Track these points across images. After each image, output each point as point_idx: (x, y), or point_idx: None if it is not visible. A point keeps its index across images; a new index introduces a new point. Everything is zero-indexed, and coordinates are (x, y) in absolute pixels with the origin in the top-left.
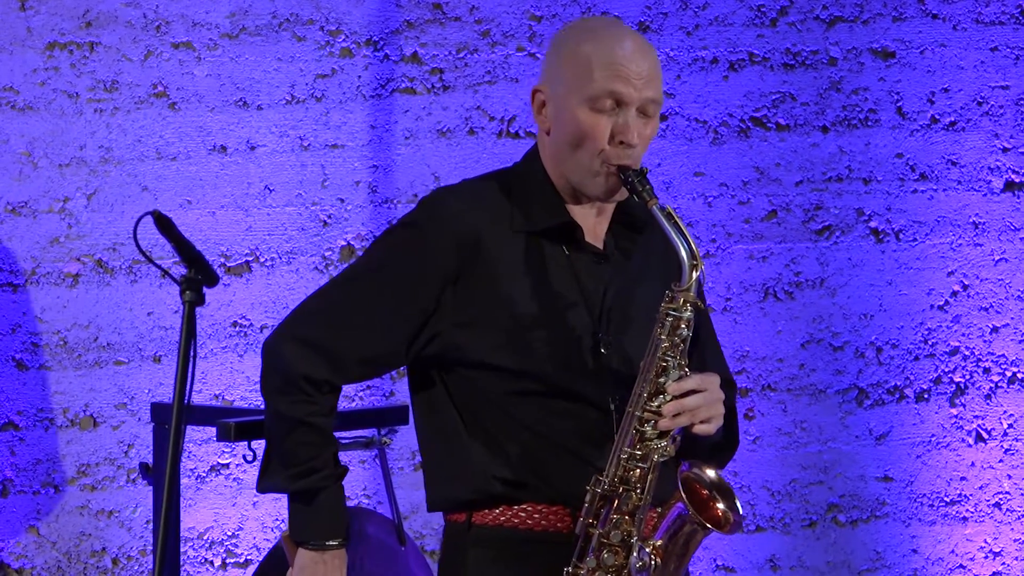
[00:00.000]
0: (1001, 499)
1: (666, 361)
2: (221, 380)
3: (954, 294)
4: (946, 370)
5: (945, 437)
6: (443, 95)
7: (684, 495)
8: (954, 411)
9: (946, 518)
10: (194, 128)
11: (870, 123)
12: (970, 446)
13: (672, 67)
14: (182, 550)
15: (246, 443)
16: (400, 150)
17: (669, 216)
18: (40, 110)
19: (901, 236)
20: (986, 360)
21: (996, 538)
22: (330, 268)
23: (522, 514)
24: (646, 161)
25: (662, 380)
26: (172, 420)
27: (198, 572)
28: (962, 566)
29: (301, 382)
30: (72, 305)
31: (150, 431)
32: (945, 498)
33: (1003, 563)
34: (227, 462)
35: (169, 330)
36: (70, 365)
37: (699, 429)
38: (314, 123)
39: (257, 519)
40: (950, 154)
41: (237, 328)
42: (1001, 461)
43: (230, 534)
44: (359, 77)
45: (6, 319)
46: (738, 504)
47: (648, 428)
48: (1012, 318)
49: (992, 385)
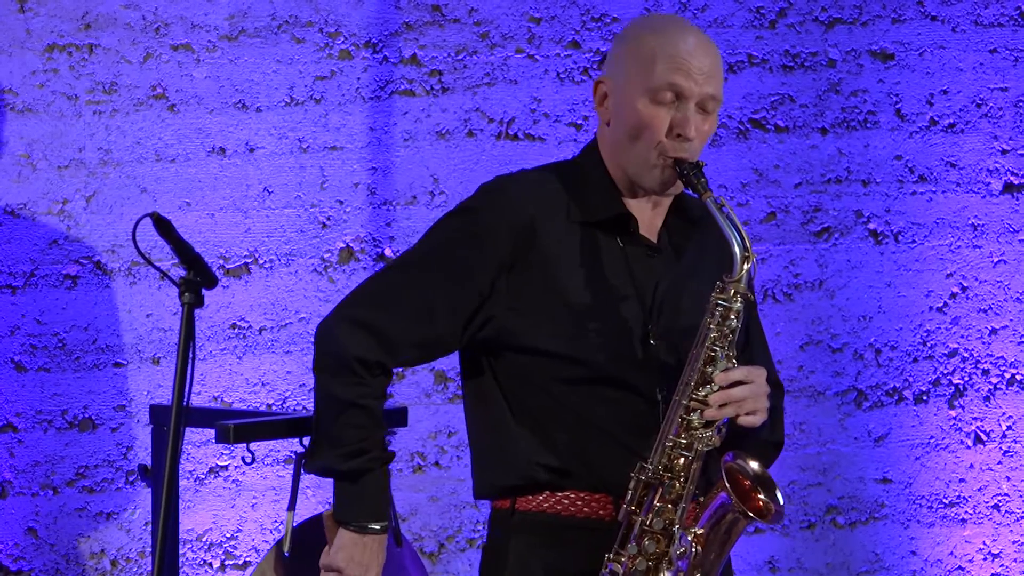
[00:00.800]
0: (1000, 501)
1: (714, 351)
2: (220, 382)
3: (953, 296)
4: (945, 372)
5: (944, 439)
6: (442, 97)
7: (728, 484)
8: (953, 413)
9: (945, 520)
10: (193, 130)
11: (869, 125)
12: (969, 448)
13: None
14: (181, 552)
15: (245, 445)
16: (399, 152)
17: (722, 209)
18: (39, 112)
19: (900, 238)
20: (985, 362)
21: (995, 540)
22: (329, 270)
23: (565, 501)
24: None
25: (709, 370)
26: (171, 422)
27: (197, 574)
28: (961, 568)
29: (354, 364)
30: (71, 307)
31: (149, 433)
32: (944, 500)
33: (1002, 565)
34: (226, 464)
35: (168, 332)
36: (69, 367)
37: (744, 420)
38: (313, 125)
39: (256, 521)
40: (949, 156)
41: (236, 330)
42: (1000, 463)
43: (229, 536)
44: (358, 79)
45: (5, 321)
46: (779, 495)
47: (694, 417)
48: (1011, 320)
49: (991, 387)
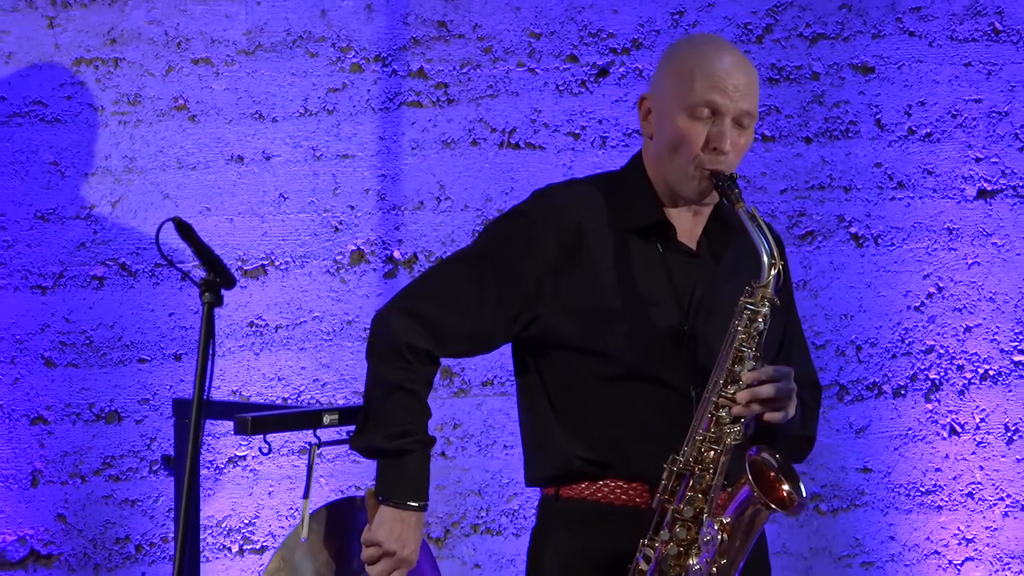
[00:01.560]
0: (973, 489)
1: (742, 351)
2: (238, 377)
3: (929, 296)
4: (922, 368)
5: (921, 431)
6: (447, 108)
7: (751, 477)
8: (929, 406)
9: (922, 507)
10: (213, 139)
11: (850, 134)
12: (944, 439)
13: None
14: (201, 537)
15: (262, 436)
16: (407, 160)
17: (753, 218)
18: (67, 122)
19: (880, 241)
20: (960, 358)
21: (968, 526)
22: (341, 271)
23: (604, 489)
24: None
25: (737, 369)
26: (192, 415)
27: (216, 558)
28: (936, 552)
29: (404, 350)
30: (98, 306)
31: (171, 425)
32: (921, 488)
33: (975, 549)
34: (244, 454)
35: (189, 330)
36: (96, 363)
37: (769, 417)
38: (326, 134)
39: (272, 508)
40: (926, 164)
41: (253, 328)
42: (973, 453)
43: (247, 522)
44: (368, 91)
45: (36, 320)
46: (802, 487)
47: (723, 413)
48: (984, 318)
49: (965, 382)
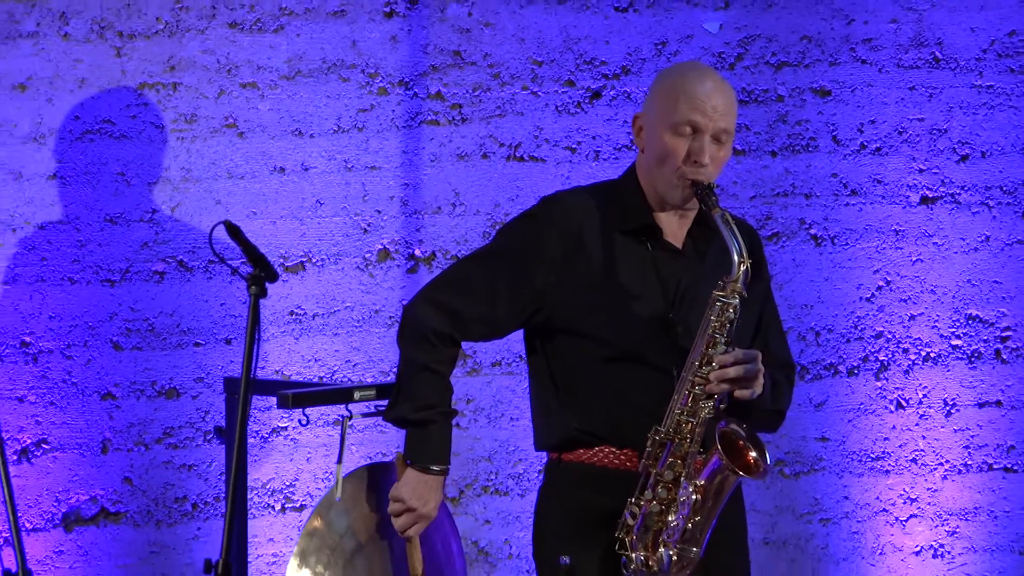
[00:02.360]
0: (916, 455)
1: (715, 337)
2: (280, 358)
3: (879, 288)
4: (872, 350)
5: (871, 405)
6: (462, 126)
7: (720, 446)
8: (879, 384)
9: (872, 471)
10: (258, 153)
11: (810, 149)
12: (891, 412)
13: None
14: (248, 497)
15: (301, 410)
16: (426, 171)
17: (726, 222)
18: (132, 138)
19: (835, 241)
20: (905, 342)
21: (912, 487)
22: (369, 267)
23: (600, 455)
24: None
25: (711, 352)
26: (240, 391)
27: (262, 515)
28: (885, 510)
29: (430, 335)
30: (159, 297)
31: (222, 400)
32: (871, 455)
33: (918, 507)
34: (285, 425)
35: (238, 318)
36: (157, 346)
37: (738, 394)
38: (356, 149)
39: (310, 472)
40: (875, 174)
41: (293, 316)
42: (917, 424)
43: (288, 484)
44: (393, 111)
45: (105, 309)
46: (767, 455)
47: (698, 391)
48: (926, 308)
49: (910, 363)
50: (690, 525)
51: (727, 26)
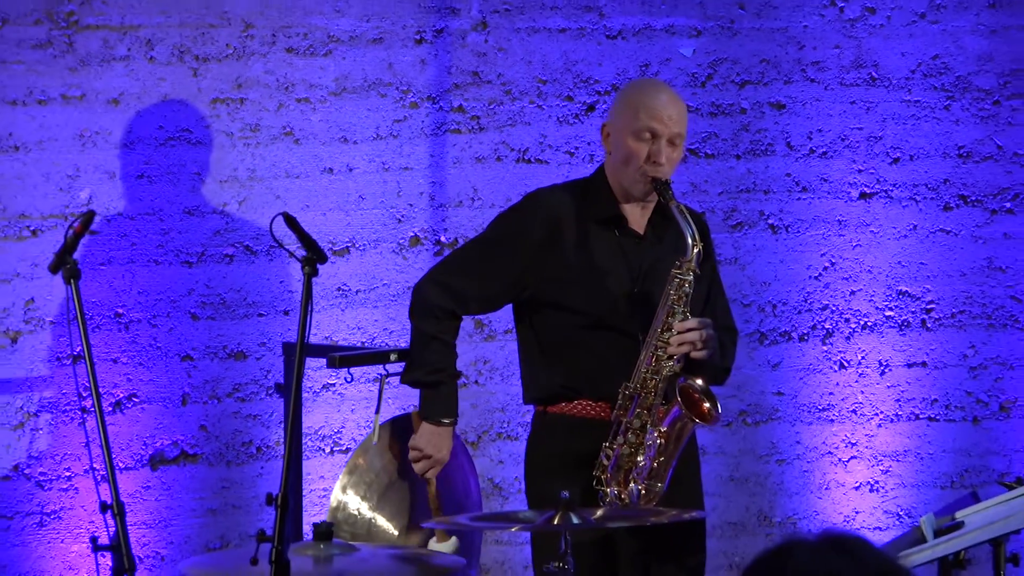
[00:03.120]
0: (856, 407)
1: (674, 308)
2: (329, 327)
3: (825, 269)
4: (819, 320)
5: (819, 365)
6: (479, 134)
7: (679, 398)
8: (825, 348)
9: (819, 420)
10: (311, 156)
11: (768, 153)
12: (835, 371)
13: None
14: (303, 442)
15: (346, 369)
16: (450, 171)
17: (681, 211)
18: (207, 144)
19: (789, 229)
20: (846, 313)
21: (852, 433)
22: (403, 251)
23: (578, 407)
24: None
25: (671, 320)
26: (296, 354)
27: (314, 456)
28: (830, 452)
29: (435, 310)
30: (229, 276)
31: (281, 361)
32: (818, 407)
33: (857, 450)
34: (333, 382)
35: (294, 293)
36: (227, 317)
37: (695, 355)
38: (392, 153)
39: (354, 421)
40: (822, 174)
41: (340, 292)
42: (856, 382)
43: (335, 431)
44: (422, 122)
45: (185, 285)
46: (719, 405)
47: (661, 352)
48: (864, 285)
49: (851, 330)
50: (655, 464)
51: (699, 51)
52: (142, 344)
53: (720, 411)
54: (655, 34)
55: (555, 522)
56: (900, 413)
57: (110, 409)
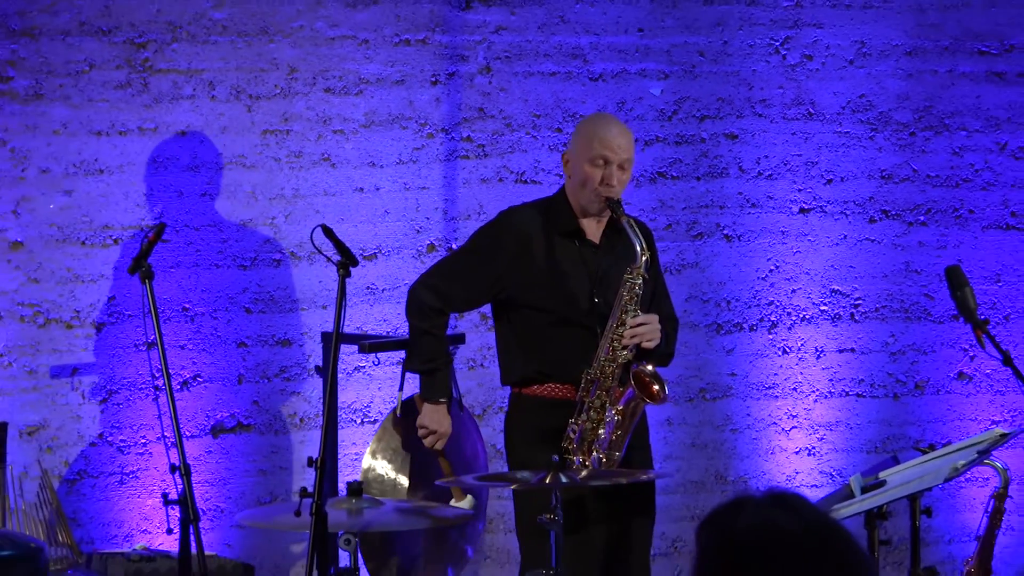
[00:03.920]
0: (796, 385)
1: (627, 307)
2: (360, 319)
3: (770, 271)
4: (766, 314)
5: (766, 351)
6: (484, 160)
7: (633, 382)
8: (771, 336)
9: (766, 396)
10: (345, 179)
11: (724, 175)
12: (779, 356)
13: None
14: (338, 414)
15: (375, 354)
16: (460, 190)
17: (631, 225)
18: (258, 168)
19: (741, 239)
20: (789, 308)
21: (793, 407)
22: (421, 256)
23: (548, 389)
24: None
25: (624, 317)
26: (332, 341)
27: (347, 426)
28: (775, 423)
29: (426, 309)
30: (277, 277)
31: (320, 348)
32: (765, 384)
33: (797, 421)
34: (364, 365)
35: (331, 291)
36: (276, 310)
37: (645, 345)
38: (412, 175)
39: (381, 397)
40: (768, 193)
41: (369, 290)
42: (796, 364)
43: (366, 404)
44: (437, 150)
45: (240, 285)
46: (665, 388)
47: (616, 344)
48: (803, 285)
49: (792, 322)
50: (614, 437)
51: (667, 91)
52: (205, 333)
53: (667, 392)
54: (630, 77)
55: (547, 481)
56: (833, 391)
57: (178, 387)
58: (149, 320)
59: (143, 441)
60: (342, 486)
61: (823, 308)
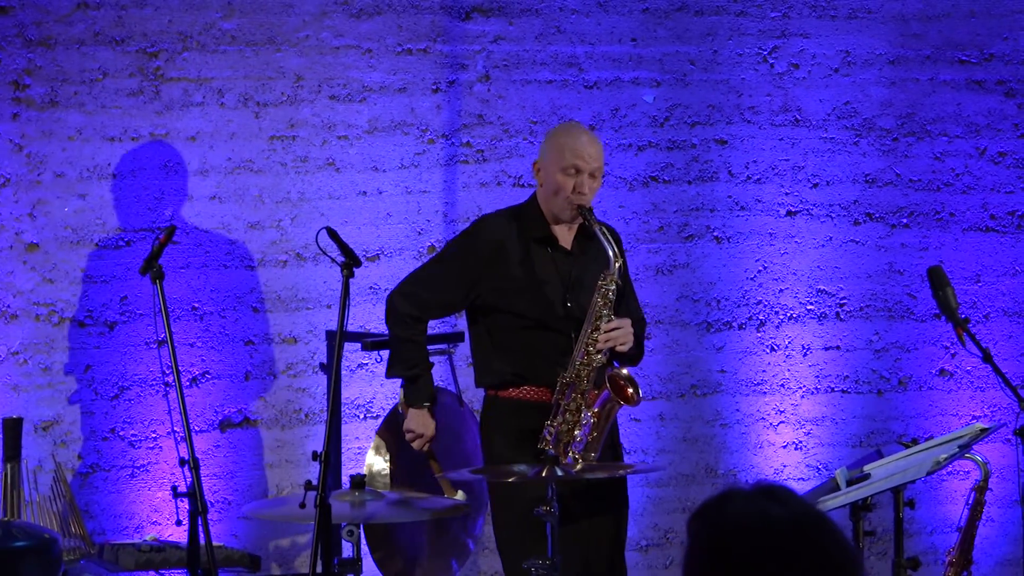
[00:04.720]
0: (783, 382)
1: (601, 313)
2: (363, 317)
3: (759, 271)
4: (755, 312)
5: (754, 349)
6: (483, 164)
7: (608, 384)
8: (759, 335)
9: (755, 392)
10: (349, 183)
11: (714, 179)
12: (768, 353)
13: (607, 149)
14: (342, 410)
15: (376, 352)
16: (460, 194)
17: (603, 232)
18: (266, 172)
19: (731, 240)
20: (776, 307)
21: (781, 403)
22: (422, 257)
23: (524, 392)
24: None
25: (598, 322)
26: (336, 339)
27: (350, 421)
28: (763, 418)
29: (405, 317)
30: (283, 278)
31: (325, 345)
32: (754, 381)
33: (785, 417)
34: (366, 362)
35: (335, 291)
36: (282, 309)
37: (619, 349)
38: (414, 179)
39: (383, 394)
40: (756, 196)
41: (372, 290)
42: (784, 361)
43: (368, 401)
44: (438, 155)
45: (247, 285)
46: (640, 391)
47: (591, 348)
48: (790, 285)
49: (779, 321)
50: (589, 439)
51: (659, 98)
52: (213, 331)
53: (641, 395)
54: (623, 85)
55: (544, 474)
56: (819, 387)
57: (187, 383)
58: (159, 319)
59: (153, 436)
60: (345, 479)
61: (809, 307)
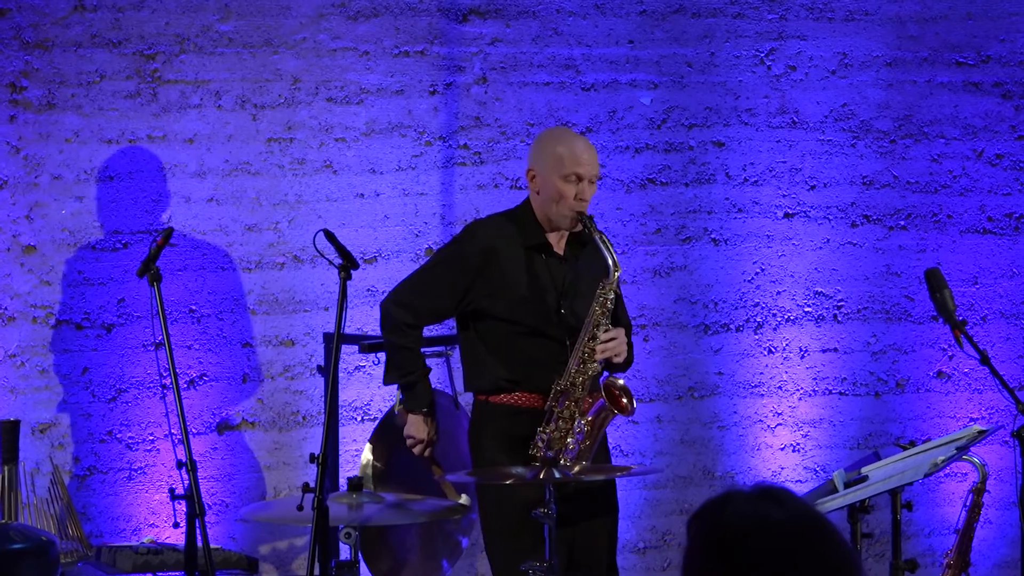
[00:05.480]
0: (781, 384)
1: (598, 322)
2: (361, 320)
3: (756, 274)
4: (752, 315)
5: (752, 351)
6: (480, 167)
7: (603, 393)
8: (756, 337)
9: (752, 394)
10: (346, 185)
11: (711, 182)
12: (765, 355)
13: (604, 151)
14: (339, 412)
15: (374, 355)
16: (457, 196)
17: (603, 241)
18: (263, 174)
19: (728, 242)
20: (774, 309)
21: (779, 405)
22: (420, 260)
23: (516, 397)
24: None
25: (596, 331)
26: (334, 342)
27: (348, 423)
28: (760, 420)
29: (400, 325)
30: (281, 280)
31: (322, 348)
32: (752, 383)
33: (782, 419)
34: (364, 364)
35: (332, 293)
36: (280, 311)
37: (614, 359)
38: (411, 181)
39: (379, 395)
40: (754, 199)
41: (370, 292)
42: (781, 364)
43: (366, 402)
44: (435, 157)
45: (245, 287)
46: (634, 401)
47: (587, 357)
48: (787, 287)
49: (777, 323)
50: (582, 447)
51: (656, 100)
52: (211, 334)
53: (635, 405)
54: (620, 87)
55: (541, 476)
56: (816, 389)
57: (185, 386)
58: (157, 321)
59: (151, 438)
60: (343, 481)
61: (807, 309)
